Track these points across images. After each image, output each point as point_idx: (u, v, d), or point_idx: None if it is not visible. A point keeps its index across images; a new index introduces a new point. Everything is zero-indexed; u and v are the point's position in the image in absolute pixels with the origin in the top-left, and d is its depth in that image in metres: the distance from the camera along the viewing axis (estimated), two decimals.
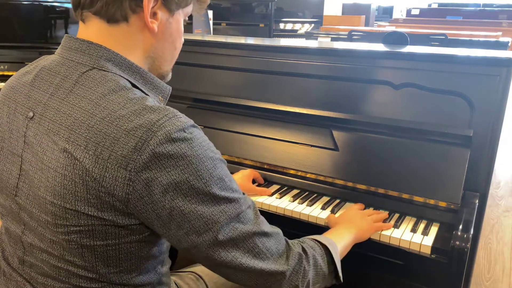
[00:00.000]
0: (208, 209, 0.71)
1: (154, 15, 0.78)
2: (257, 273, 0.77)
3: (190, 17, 3.33)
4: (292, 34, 5.10)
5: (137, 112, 0.70)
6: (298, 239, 0.90)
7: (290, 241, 0.86)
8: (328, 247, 0.91)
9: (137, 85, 0.78)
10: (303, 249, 0.86)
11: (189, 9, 0.84)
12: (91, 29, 0.78)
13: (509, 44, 2.64)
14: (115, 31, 0.77)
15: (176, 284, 1.02)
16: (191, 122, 0.73)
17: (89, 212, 0.70)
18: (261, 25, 4.41)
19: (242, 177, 1.36)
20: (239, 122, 1.53)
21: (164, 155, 0.68)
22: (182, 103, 1.67)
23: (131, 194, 0.68)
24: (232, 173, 1.49)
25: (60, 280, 0.77)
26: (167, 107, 0.73)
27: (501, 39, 2.92)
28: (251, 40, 1.85)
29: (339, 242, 1.00)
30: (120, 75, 0.76)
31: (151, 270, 0.82)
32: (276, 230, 0.83)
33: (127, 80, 0.77)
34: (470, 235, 1.07)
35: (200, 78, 1.70)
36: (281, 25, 5.14)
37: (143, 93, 0.76)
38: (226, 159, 1.49)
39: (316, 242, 0.91)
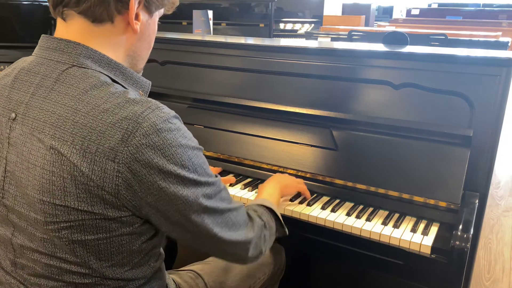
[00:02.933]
0: (191, 193, 0.76)
1: (136, 16, 0.80)
2: (231, 243, 0.85)
3: (190, 17, 3.33)
4: (292, 34, 5.09)
5: (120, 105, 0.72)
6: (249, 208, 1.01)
7: (249, 212, 0.96)
8: (273, 209, 1.04)
9: (118, 81, 0.79)
10: (260, 217, 0.98)
11: (162, 10, 0.87)
12: (72, 28, 0.78)
13: (509, 44, 2.64)
14: (99, 31, 0.78)
15: (175, 282, 1.03)
16: (174, 113, 0.76)
17: (79, 207, 0.71)
18: (261, 25, 4.40)
19: None
20: (239, 122, 1.53)
21: (150, 146, 0.70)
22: (182, 103, 1.67)
23: (121, 185, 0.70)
24: (230, 172, 1.50)
25: (53, 278, 0.78)
26: (149, 99, 0.75)
27: (501, 39, 2.92)
28: (251, 40, 1.85)
29: (274, 200, 1.13)
30: (100, 71, 0.77)
31: (144, 264, 0.83)
32: (241, 203, 0.92)
33: (107, 76, 0.78)
34: (470, 235, 1.07)
35: (200, 78, 1.70)
36: (281, 25, 5.13)
37: (124, 88, 0.78)
38: (226, 159, 1.51)
39: (264, 207, 1.03)
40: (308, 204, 1.29)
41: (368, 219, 1.21)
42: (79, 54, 0.76)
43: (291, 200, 1.32)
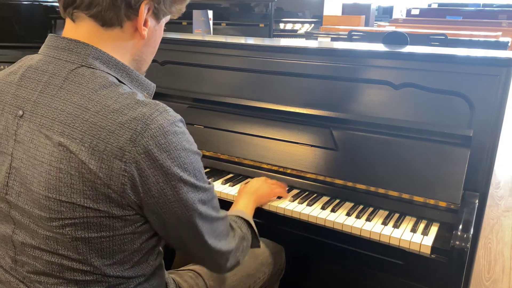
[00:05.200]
0: (189, 196, 0.78)
1: (144, 22, 0.81)
2: (215, 252, 0.88)
3: (190, 17, 3.33)
4: (292, 34, 5.09)
5: (129, 106, 0.73)
6: (230, 218, 1.02)
7: (230, 223, 0.99)
8: (249, 222, 1.07)
9: (124, 82, 0.80)
10: (240, 228, 1.02)
11: (169, 17, 0.88)
12: (81, 30, 0.79)
13: (509, 44, 2.64)
14: (108, 34, 0.79)
15: (175, 282, 1.03)
16: (180, 116, 0.78)
17: (85, 204, 0.72)
18: (261, 25, 4.40)
19: None
20: (239, 122, 1.53)
21: (157, 147, 0.72)
22: (182, 103, 1.67)
23: (126, 184, 0.72)
24: (229, 172, 1.50)
25: (54, 275, 0.78)
26: (157, 101, 0.77)
27: (501, 39, 2.92)
28: (251, 40, 1.85)
29: (249, 212, 1.17)
30: (107, 73, 0.78)
31: (143, 262, 0.84)
32: (226, 213, 0.94)
33: (114, 77, 0.79)
34: (470, 235, 1.07)
35: (200, 78, 1.70)
36: (281, 25, 5.13)
37: (131, 89, 0.79)
38: (226, 159, 1.51)
39: (242, 219, 1.06)
40: (308, 204, 1.29)
41: (368, 219, 1.21)
42: (88, 54, 0.78)
43: (292, 200, 1.32)
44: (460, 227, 1.09)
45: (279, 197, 1.34)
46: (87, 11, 0.76)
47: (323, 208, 1.27)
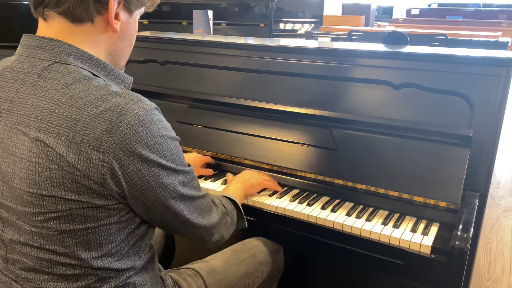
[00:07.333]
0: (170, 180, 0.82)
1: (116, 16, 0.82)
2: (199, 227, 0.93)
3: (190, 17, 3.32)
4: (292, 34, 5.09)
5: (103, 97, 0.74)
6: (214, 197, 1.07)
7: (214, 200, 1.03)
8: (236, 202, 1.12)
9: (99, 76, 0.81)
10: (223, 205, 1.06)
11: (143, 9, 0.89)
12: (53, 28, 0.80)
13: (509, 44, 2.64)
14: (80, 30, 0.80)
15: (173, 280, 1.04)
16: (154, 104, 0.79)
17: (66, 196, 0.73)
18: (261, 25, 4.40)
19: (194, 161, 1.47)
20: (239, 122, 1.53)
21: (134, 136, 0.73)
22: (182, 103, 1.67)
23: (106, 174, 0.73)
24: (229, 172, 1.50)
25: (43, 271, 0.79)
26: (131, 91, 0.78)
27: (501, 39, 2.92)
28: (251, 40, 1.85)
29: (238, 197, 1.19)
30: (82, 67, 0.79)
31: (133, 255, 0.85)
32: (207, 191, 0.98)
33: (89, 71, 0.80)
34: (470, 235, 1.07)
35: (200, 78, 1.70)
36: (281, 25, 5.14)
37: (105, 82, 0.80)
38: (226, 159, 1.51)
39: (227, 198, 1.11)
40: (308, 204, 1.29)
41: (368, 219, 1.21)
42: (61, 51, 0.78)
43: (292, 200, 1.32)
44: (460, 227, 1.09)
45: (280, 197, 1.34)
46: (56, 9, 0.77)
47: (323, 208, 1.27)
